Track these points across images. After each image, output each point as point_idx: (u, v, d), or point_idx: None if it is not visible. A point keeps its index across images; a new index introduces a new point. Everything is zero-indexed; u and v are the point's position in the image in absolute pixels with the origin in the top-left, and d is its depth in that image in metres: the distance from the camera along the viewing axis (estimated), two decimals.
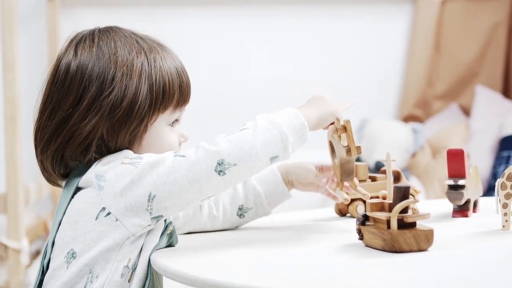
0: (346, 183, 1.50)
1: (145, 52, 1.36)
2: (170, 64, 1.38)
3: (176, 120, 1.41)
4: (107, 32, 1.39)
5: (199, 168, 1.26)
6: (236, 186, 1.52)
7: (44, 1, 3.85)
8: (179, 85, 1.39)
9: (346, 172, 1.46)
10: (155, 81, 1.35)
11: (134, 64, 1.35)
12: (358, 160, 3.62)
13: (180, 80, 1.39)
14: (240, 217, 1.54)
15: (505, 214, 1.37)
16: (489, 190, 3.34)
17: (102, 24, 1.43)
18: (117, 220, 1.29)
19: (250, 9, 4.05)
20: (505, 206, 1.37)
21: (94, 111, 1.32)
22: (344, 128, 1.40)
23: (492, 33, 4.05)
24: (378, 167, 3.48)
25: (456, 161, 1.51)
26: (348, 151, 1.40)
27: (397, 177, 1.63)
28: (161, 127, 1.38)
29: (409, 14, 4.11)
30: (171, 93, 1.37)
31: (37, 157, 1.39)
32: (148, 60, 1.36)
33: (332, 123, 1.42)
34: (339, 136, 1.40)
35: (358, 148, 1.40)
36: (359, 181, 1.59)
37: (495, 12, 4.04)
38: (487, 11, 4.05)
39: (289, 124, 1.31)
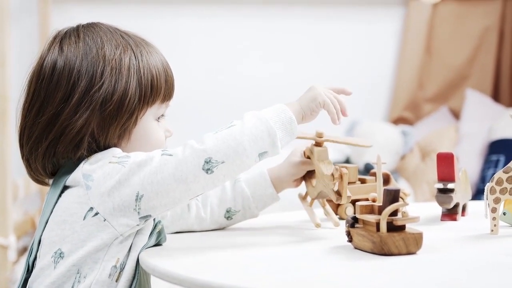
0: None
1: (131, 47, 1.37)
2: (156, 59, 1.39)
3: (162, 115, 1.42)
4: (91, 27, 1.39)
5: (186, 167, 1.26)
6: (224, 187, 1.52)
7: None
8: (165, 79, 1.39)
9: (320, 195, 1.48)
10: (144, 75, 1.36)
11: (122, 58, 1.35)
12: (347, 162, 3.63)
13: (166, 74, 1.40)
14: (227, 219, 1.53)
15: (494, 219, 1.38)
16: (477, 194, 3.35)
17: (94, 21, 1.43)
18: (105, 220, 1.28)
19: (242, 9, 4.04)
20: (494, 210, 1.38)
21: (85, 105, 1.32)
22: (341, 177, 1.40)
23: (483, 37, 4.06)
24: (368, 169, 3.49)
25: (445, 164, 1.51)
26: (339, 196, 1.41)
27: (386, 179, 1.63)
28: (148, 121, 1.38)
29: (400, 17, 4.12)
30: (159, 86, 1.37)
31: (22, 156, 1.38)
32: (135, 55, 1.36)
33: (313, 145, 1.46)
34: (333, 183, 1.41)
35: (349, 197, 1.41)
36: (348, 183, 1.59)
37: (486, 16, 4.05)
38: (478, 15, 4.06)
39: (276, 119, 1.31)
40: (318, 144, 1.50)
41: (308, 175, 1.54)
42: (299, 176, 1.53)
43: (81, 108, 1.32)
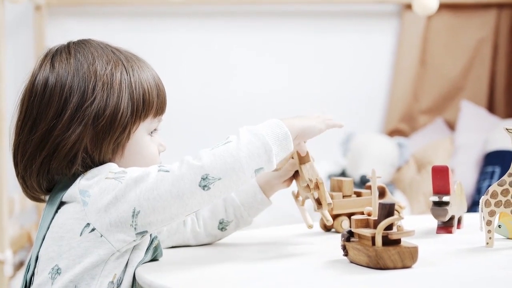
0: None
1: (122, 62, 1.37)
2: (148, 73, 1.40)
3: (155, 129, 1.42)
4: (82, 44, 1.40)
5: (183, 184, 1.26)
6: None
7: (31, 11, 3.84)
8: (157, 93, 1.40)
9: (306, 198, 1.50)
10: (135, 89, 1.36)
11: (114, 73, 1.35)
12: (343, 174, 3.63)
13: (158, 88, 1.40)
14: (222, 231, 1.54)
15: (489, 231, 1.38)
16: (473, 205, 3.35)
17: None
18: (101, 236, 1.28)
19: (237, 23, 4.05)
20: (489, 223, 1.38)
21: (78, 121, 1.32)
22: (317, 187, 1.42)
23: (477, 49, 4.07)
24: (364, 181, 3.49)
25: (440, 177, 1.51)
26: (319, 204, 1.44)
27: (382, 192, 1.64)
28: (142, 135, 1.38)
29: (395, 29, 4.13)
30: (151, 100, 1.38)
31: (17, 174, 1.38)
32: (127, 70, 1.37)
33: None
34: (311, 193, 1.44)
35: (329, 204, 1.44)
36: (344, 196, 1.60)
37: (481, 28, 4.07)
38: (472, 27, 4.07)
39: (272, 134, 1.31)
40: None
41: (297, 174, 1.53)
42: (288, 177, 1.53)
43: (74, 124, 1.32)
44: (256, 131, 1.31)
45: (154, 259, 1.37)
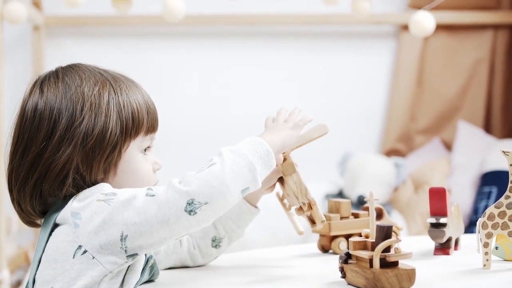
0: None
1: (110, 82, 1.39)
2: (136, 93, 1.40)
3: (148, 147, 1.42)
4: (70, 68, 1.41)
5: (168, 209, 1.26)
6: None
7: (29, 31, 3.86)
8: (147, 112, 1.40)
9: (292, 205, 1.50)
10: (124, 107, 1.37)
11: (101, 93, 1.36)
12: (340, 194, 3.64)
13: (147, 107, 1.41)
14: (216, 248, 1.54)
15: (486, 253, 1.39)
16: (470, 225, 3.36)
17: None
18: (93, 258, 1.29)
19: (234, 43, 4.07)
20: (486, 245, 1.39)
21: (67, 141, 1.33)
22: (310, 207, 1.43)
23: (474, 69, 4.09)
24: (361, 202, 3.49)
25: (438, 199, 1.52)
26: (313, 223, 1.45)
27: (379, 214, 1.65)
28: (134, 153, 1.39)
29: (392, 50, 4.14)
30: (140, 118, 1.39)
31: (12, 200, 1.39)
32: (114, 89, 1.38)
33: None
34: (304, 214, 1.45)
35: (323, 222, 1.44)
36: (341, 218, 1.61)
37: (477, 49, 4.09)
38: (469, 48, 4.09)
39: (254, 152, 1.32)
40: (283, 159, 1.50)
41: (281, 179, 1.53)
42: (271, 184, 1.54)
43: (64, 145, 1.33)
44: (238, 151, 1.31)
45: (151, 279, 1.38)
